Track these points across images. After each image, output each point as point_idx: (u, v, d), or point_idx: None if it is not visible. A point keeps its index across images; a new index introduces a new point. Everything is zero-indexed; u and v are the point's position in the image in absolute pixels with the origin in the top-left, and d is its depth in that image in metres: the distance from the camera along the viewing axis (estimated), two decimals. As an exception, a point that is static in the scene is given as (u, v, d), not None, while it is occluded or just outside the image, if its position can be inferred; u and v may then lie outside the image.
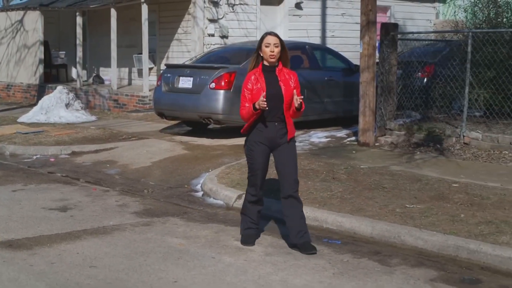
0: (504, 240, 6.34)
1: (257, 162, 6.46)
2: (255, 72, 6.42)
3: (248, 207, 6.67)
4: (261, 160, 6.46)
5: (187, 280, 5.61)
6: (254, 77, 6.39)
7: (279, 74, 6.40)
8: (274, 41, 6.34)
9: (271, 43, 6.33)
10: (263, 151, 6.44)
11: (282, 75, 6.40)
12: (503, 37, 11.65)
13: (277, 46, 6.33)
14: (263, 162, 6.49)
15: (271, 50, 6.31)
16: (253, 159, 6.49)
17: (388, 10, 21.36)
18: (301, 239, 6.36)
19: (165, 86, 13.38)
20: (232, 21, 18.02)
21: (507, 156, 10.14)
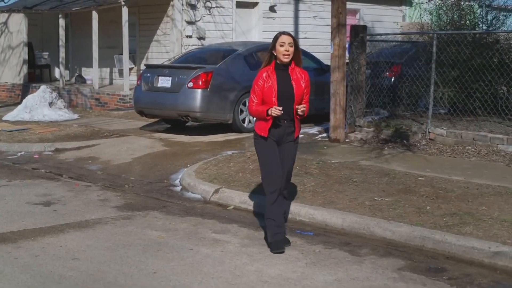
0: (468, 230, 6.51)
1: (269, 155, 6.33)
2: (267, 69, 6.29)
3: (271, 209, 6.35)
4: (273, 153, 6.33)
5: (166, 271, 5.70)
6: (266, 74, 6.26)
7: (291, 73, 6.29)
8: (289, 41, 6.22)
9: (286, 42, 6.20)
10: (273, 145, 6.33)
11: (294, 74, 6.29)
12: (466, 38, 11.94)
13: (291, 46, 6.22)
14: (275, 153, 6.34)
15: (286, 49, 6.19)
16: (264, 152, 6.37)
17: (358, 13, 21.62)
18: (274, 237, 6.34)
19: (145, 85, 13.54)
20: (209, 23, 18.25)
21: (470, 151, 10.38)
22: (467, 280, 5.61)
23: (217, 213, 7.90)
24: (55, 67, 22.04)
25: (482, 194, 7.81)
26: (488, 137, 10.57)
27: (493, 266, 5.96)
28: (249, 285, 5.44)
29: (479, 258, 6.10)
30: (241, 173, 9.27)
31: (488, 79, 11.44)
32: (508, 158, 9.93)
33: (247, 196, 8.21)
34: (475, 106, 11.56)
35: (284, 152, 6.39)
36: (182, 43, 17.88)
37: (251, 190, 8.42)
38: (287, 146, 6.41)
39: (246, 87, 13.19)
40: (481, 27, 13.79)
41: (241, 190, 8.47)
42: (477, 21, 13.97)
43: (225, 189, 8.56)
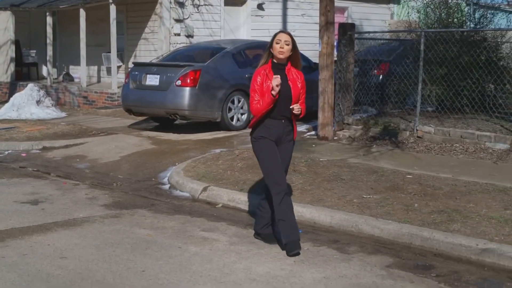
0: (455, 228, 6.54)
1: (270, 155, 6.23)
2: (265, 68, 6.21)
3: (279, 210, 6.18)
4: (273, 153, 6.24)
5: (154, 269, 5.70)
6: (263, 73, 6.17)
7: (288, 73, 6.21)
8: (285, 39, 6.15)
9: (282, 40, 6.14)
10: (271, 144, 6.24)
11: (290, 74, 6.22)
12: (454, 36, 12.01)
13: (287, 44, 6.14)
14: (276, 155, 6.24)
15: (281, 46, 6.11)
16: (264, 152, 6.25)
17: (346, 11, 21.72)
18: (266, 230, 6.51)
19: (133, 83, 13.54)
20: (197, 21, 18.28)
21: (458, 148, 10.45)
22: (455, 277, 5.63)
23: (206, 211, 7.90)
24: (43, 65, 22.00)
25: (469, 192, 7.85)
26: (475, 135, 10.63)
27: (481, 263, 5.98)
28: (238, 283, 5.44)
29: (466, 255, 6.12)
30: (230, 171, 9.28)
31: (475, 77, 11.50)
32: (495, 155, 9.99)
33: (236, 194, 8.22)
34: (463, 103, 11.62)
35: (282, 152, 6.32)
36: (170, 41, 17.89)
37: (239, 188, 8.43)
38: (285, 147, 6.35)
39: (234, 85, 13.24)
40: (468, 25, 13.85)
41: (229, 188, 8.48)
42: (464, 19, 14.04)
43: (214, 187, 8.56)
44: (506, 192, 7.80)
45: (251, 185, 8.50)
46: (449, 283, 5.50)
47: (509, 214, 6.93)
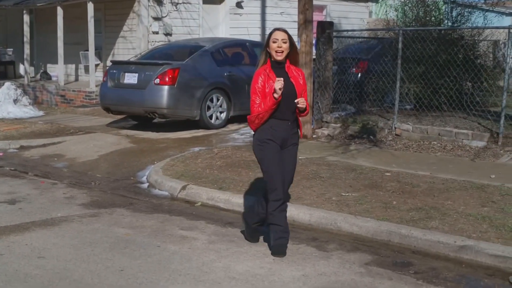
0: (433, 225, 6.58)
1: (273, 160, 5.97)
2: (265, 69, 5.95)
3: (274, 215, 6.05)
4: (276, 157, 5.98)
5: (133, 269, 5.68)
6: (264, 74, 5.92)
7: (288, 71, 5.98)
8: (282, 37, 5.89)
9: (279, 39, 5.88)
10: (276, 148, 5.99)
11: (291, 72, 5.98)
12: (431, 34, 12.11)
13: (285, 42, 5.88)
14: (279, 159, 6.00)
15: (278, 45, 5.87)
16: (268, 158, 5.99)
17: (324, 9, 21.78)
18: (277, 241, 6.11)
19: (111, 82, 13.49)
20: (175, 19, 18.23)
21: (435, 146, 10.53)
22: (433, 274, 5.67)
23: (185, 209, 7.89)
24: (20, 64, 21.82)
25: (447, 189, 7.91)
26: (453, 133, 10.71)
27: (459, 260, 6.02)
28: (217, 282, 5.43)
29: (444, 252, 6.16)
30: (209, 169, 9.27)
31: (453, 75, 11.59)
32: (473, 153, 10.07)
33: (215, 193, 8.21)
34: (441, 101, 11.72)
35: (287, 156, 6.08)
36: (148, 39, 17.84)
37: (218, 186, 8.42)
38: (290, 150, 6.08)
39: (213, 83, 13.23)
40: (446, 23, 13.95)
41: (208, 186, 8.47)
42: (442, 18, 14.13)
43: (193, 186, 8.55)
44: (484, 189, 7.86)
45: (230, 183, 8.50)
46: (427, 280, 5.53)
47: (486, 211, 6.99)
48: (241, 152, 10.29)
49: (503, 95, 10.57)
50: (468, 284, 5.49)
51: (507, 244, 6.05)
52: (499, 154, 9.93)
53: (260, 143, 6.01)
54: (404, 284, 5.43)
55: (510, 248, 5.93)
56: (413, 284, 5.44)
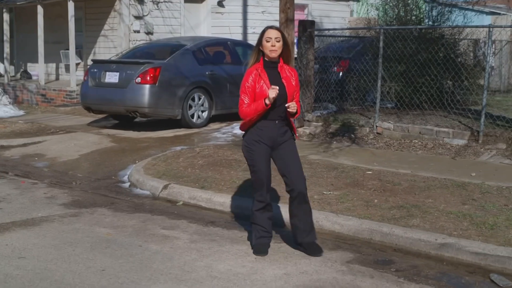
0: (415, 223, 6.61)
1: (261, 162, 5.91)
2: (257, 67, 5.86)
3: (256, 215, 6.07)
4: (264, 159, 5.92)
5: (115, 268, 5.65)
6: (255, 73, 5.82)
7: (281, 71, 5.89)
8: (276, 35, 5.79)
9: (272, 37, 5.78)
10: (264, 150, 5.92)
11: (283, 72, 5.90)
12: (412, 33, 12.17)
13: (278, 41, 5.79)
14: (266, 161, 5.95)
15: (272, 44, 5.77)
16: (255, 159, 5.92)
17: (306, 8, 21.84)
18: (306, 238, 6.07)
19: (92, 81, 13.44)
20: (157, 18, 18.22)
21: (416, 144, 10.58)
22: (414, 272, 5.69)
23: (166, 209, 7.87)
24: (0, 63, 21.63)
25: (428, 187, 7.93)
26: (434, 131, 10.76)
27: (440, 257, 6.06)
28: (199, 281, 5.42)
29: (426, 250, 6.20)
30: (190, 168, 9.26)
31: (434, 73, 11.66)
32: (453, 151, 10.12)
33: (197, 192, 8.20)
34: (422, 100, 11.78)
35: (284, 154, 5.98)
36: (129, 38, 17.80)
37: (200, 185, 8.42)
38: (284, 147, 5.98)
39: (194, 82, 13.23)
40: (426, 22, 14.02)
41: (190, 185, 8.46)
42: (422, 17, 14.20)
43: (174, 185, 8.54)
44: (464, 187, 7.90)
45: (212, 182, 8.49)
46: (408, 277, 5.55)
47: (467, 209, 7.03)
48: (223, 151, 10.29)
49: (484, 93, 10.64)
50: (449, 281, 5.51)
51: (487, 241, 6.09)
52: (480, 152, 10.00)
53: (248, 145, 5.96)
54: (385, 282, 5.45)
55: (491, 246, 5.97)
56: (394, 282, 5.46)
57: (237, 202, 7.73)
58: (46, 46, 18.52)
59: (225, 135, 12.34)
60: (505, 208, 7.04)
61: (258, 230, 6.10)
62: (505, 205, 7.14)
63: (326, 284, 5.38)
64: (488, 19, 24.67)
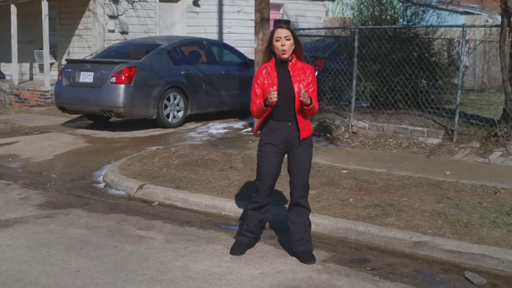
0: (390, 221, 6.65)
1: (267, 165, 5.78)
2: (268, 66, 5.74)
3: (248, 213, 6.02)
4: (271, 163, 5.78)
5: (89, 269, 5.63)
6: (265, 71, 5.72)
7: (292, 69, 5.71)
8: (285, 34, 5.64)
9: (281, 36, 5.64)
10: (275, 153, 5.77)
11: (295, 70, 5.71)
12: (387, 33, 12.25)
13: (288, 39, 5.64)
14: (274, 166, 5.80)
15: (283, 43, 5.63)
16: (262, 161, 5.80)
17: (281, 8, 21.89)
18: (301, 247, 5.93)
19: (66, 80, 13.35)
20: (132, 18, 18.13)
21: (391, 143, 10.65)
22: (389, 270, 5.73)
23: (142, 209, 7.84)
24: (-27, 62, 21.45)
25: (403, 186, 7.99)
26: (408, 130, 10.83)
27: (415, 255, 6.10)
28: (174, 281, 5.41)
29: (401, 248, 6.23)
30: (166, 168, 9.23)
31: (408, 72, 11.73)
32: (428, 150, 10.19)
33: (172, 192, 8.18)
34: (396, 99, 11.84)
35: (295, 158, 5.82)
36: (104, 38, 17.70)
37: (176, 185, 8.40)
38: (298, 151, 5.80)
39: (170, 82, 13.18)
40: (401, 22, 14.11)
41: (165, 186, 8.44)
42: (397, 16, 14.29)
43: (150, 185, 8.50)
44: (439, 185, 7.96)
45: (187, 182, 8.47)
46: (383, 276, 5.58)
47: (441, 207, 7.09)
48: (199, 151, 10.27)
49: (458, 92, 10.73)
50: (424, 279, 5.55)
51: (461, 239, 6.14)
52: (454, 151, 10.08)
53: (260, 146, 5.85)
54: (361, 280, 5.47)
55: (465, 244, 6.02)
56: (370, 280, 5.48)
57: (213, 202, 7.72)
58: (19, 45, 18.35)
59: (201, 135, 12.32)
60: (479, 206, 7.11)
61: (242, 228, 6.07)
62: (479, 203, 7.20)
63: (302, 283, 5.39)
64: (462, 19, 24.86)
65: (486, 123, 10.70)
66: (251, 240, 6.14)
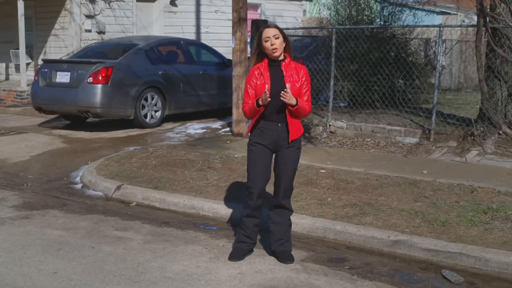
0: (368, 220, 6.68)
1: (255, 165, 5.69)
2: (260, 66, 5.63)
3: (243, 220, 5.91)
4: (260, 163, 5.68)
5: (67, 271, 5.59)
6: (258, 72, 5.61)
7: (285, 69, 5.61)
8: (273, 33, 5.53)
9: (270, 36, 5.52)
10: (264, 153, 5.69)
11: (288, 70, 5.61)
12: (364, 32, 12.31)
13: (277, 38, 5.52)
14: (263, 166, 5.70)
15: (272, 43, 5.50)
16: (251, 161, 5.72)
17: (259, 8, 21.90)
18: (280, 247, 5.90)
19: (42, 81, 13.27)
20: (109, 17, 18.05)
21: (369, 143, 10.71)
22: (368, 269, 5.75)
23: (120, 210, 7.81)
24: None
25: (381, 185, 8.03)
26: (386, 129, 10.89)
27: (393, 254, 6.13)
28: (153, 282, 5.39)
29: (379, 247, 6.26)
30: (144, 169, 9.20)
31: (385, 72, 11.78)
32: (405, 149, 10.26)
33: (150, 192, 8.15)
34: (374, 99, 11.91)
35: (282, 159, 5.75)
36: (81, 38, 17.60)
37: (154, 186, 8.37)
38: (285, 153, 5.72)
39: (147, 82, 13.14)
40: (378, 22, 14.18)
41: (143, 186, 8.40)
42: (374, 16, 14.36)
43: (128, 186, 8.47)
44: (416, 184, 8.02)
45: (165, 182, 8.45)
46: (362, 275, 5.60)
47: (419, 206, 7.13)
48: (177, 151, 10.25)
49: (434, 92, 10.81)
50: (402, 278, 5.58)
51: (439, 238, 6.18)
52: (431, 150, 10.15)
53: (249, 145, 5.77)
54: (339, 279, 5.49)
55: (442, 242, 6.06)
56: (348, 279, 5.50)
57: (192, 202, 7.70)
58: (-5, 45, 18.25)
59: (179, 135, 12.29)
60: (456, 205, 7.16)
61: (240, 235, 5.96)
62: (456, 202, 7.25)
63: (281, 283, 5.40)
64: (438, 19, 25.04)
65: (463, 122, 10.78)
66: (249, 246, 6.01)
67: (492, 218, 6.69)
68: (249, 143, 5.77)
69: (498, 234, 6.26)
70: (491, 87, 10.19)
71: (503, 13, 9.95)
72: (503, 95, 10.20)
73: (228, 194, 7.88)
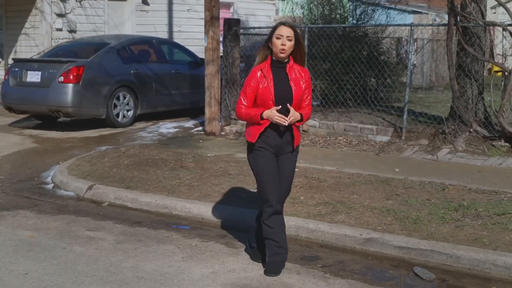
0: (340, 219, 6.68)
1: (267, 170, 5.44)
2: (262, 67, 5.35)
3: (267, 230, 5.52)
4: (270, 167, 5.45)
5: (38, 272, 5.55)
6: (260, 74, 5.32)
7: (289, 72, 5.37)
8: (288, 33, 5.27)
9: (283, 35, 5.26)
10: (270, 156, 5.46)
11: (292, 73, 5.37)
12: (336, 32, 12.35)
13: (290, 40, 5.26)
14: (273, 168, 5.47)
15: (283, 43, 5.25)
16: (260, 167, 5.46)
17: (231, 7, 21.93)
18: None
19: (13, 80, 13.18)
20: (80, 16, 17.94)
21: (341, 141, 10.75)
22: (340, 267, 5.76)
23: (91, 210, 7.75)
24: None
25: (353, 183, 8.06)
26: (358, 128, 10.95)
27: (365, 252, 6.15)
28: (125, 282, 5.36)
29: (351, 245, 6.27)
30: (116, 168, 9.15)
31: (358, 71, 11.83)
32: (377, 147, 10.31)
33: (122, 192, 8.10)
34: (346, 97, 11.94)
35: (283, 164, 5.54)
36: (52, 36, 17.46)
37: (126, 185, 8.32)
38: (286, 158, 5.53)
39: (119, 81, 13.09)
40: (350, 21, 14.23)
41: (115, 186, 8.35)
42: (346, 15, 14.41)
43: (99, 186, 8.41)
44: (388, 182, 8.06)
45: (138, 182, 8.41)
46: (334, 273, 5.61)
47: (391, 204, 7.17)
48: (149, 150, 10.21)
49: (406, 90, 10.87)
50: (374, 275, 5.61)
51: (410, 235, 6.21)
52: (403, 148, 10.21)
53: (254, 151, 5.48)
54: (312, 277, 5.50)
55: (414, 240, 6.09)
56: (321, 277, 5.51)
57: (164, 201, 7.66)
58: (-35, 45, 18.05)
59: (151, 134, 12.25)
60: (428, 202, 7.21)
61: (272, 246, 5.53)
62: (427, 200, 7.30)
63: (253, 281, 5.40)
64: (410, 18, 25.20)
65: (434, 120, 10.87)
66: (285, 257, 5.64)
67: (463, 216, 6.74)
68: (254, 148, 5.47)
69: (469, 231, 6.31)
70: (462, 86, 10.28)
71: (474, 12, 10.04)
72: (474, 93, 10.29)
73: (201, 193, 7.84)
